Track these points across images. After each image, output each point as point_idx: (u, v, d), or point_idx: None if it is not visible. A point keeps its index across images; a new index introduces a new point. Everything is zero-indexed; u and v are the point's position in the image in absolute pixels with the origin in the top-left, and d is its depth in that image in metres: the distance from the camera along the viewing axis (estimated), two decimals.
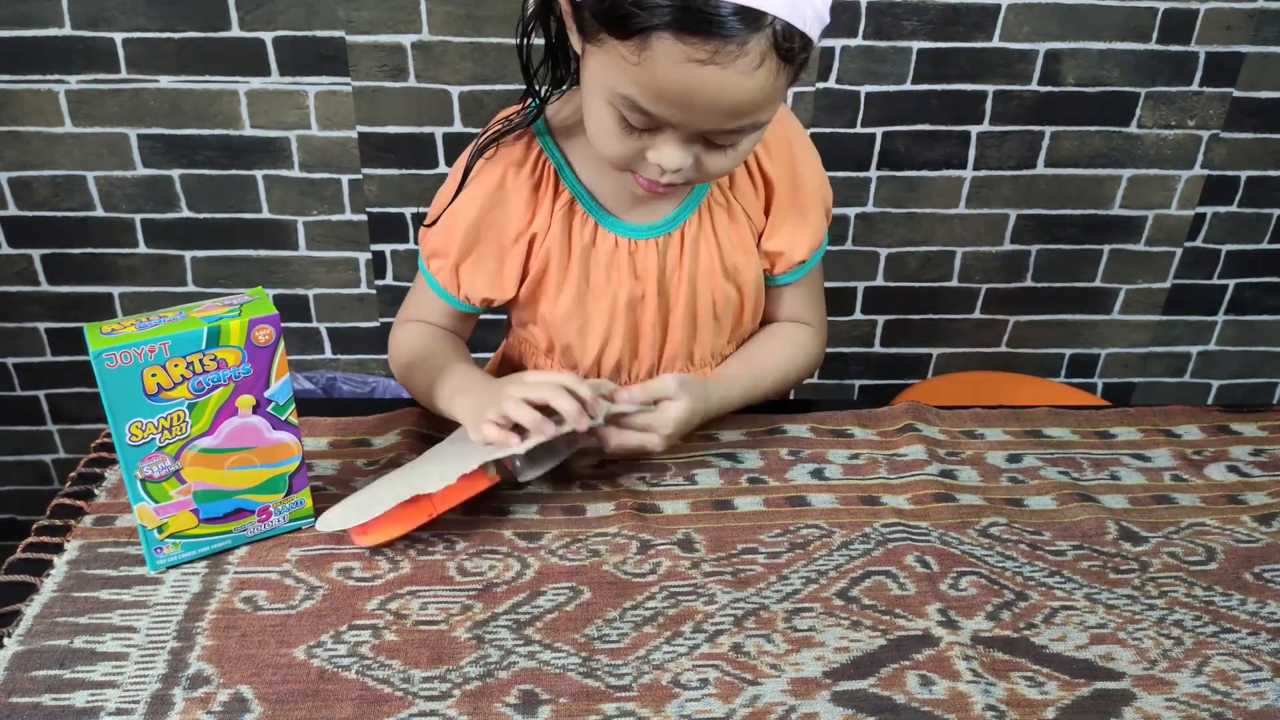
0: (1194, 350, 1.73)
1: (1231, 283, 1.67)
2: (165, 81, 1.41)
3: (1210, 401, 1.78)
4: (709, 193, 0.86)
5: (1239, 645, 0.68)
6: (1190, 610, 0.71)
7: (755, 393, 0.90)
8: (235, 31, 1.38)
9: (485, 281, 0.86)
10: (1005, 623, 0.69)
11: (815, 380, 1.72)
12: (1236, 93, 1.51)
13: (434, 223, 0.86)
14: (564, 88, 0.82)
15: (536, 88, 0.81)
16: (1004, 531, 0.78)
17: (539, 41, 0.78)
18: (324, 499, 0.78)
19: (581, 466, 0.83)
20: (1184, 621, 0.70)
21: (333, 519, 0.73)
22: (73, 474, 0.80)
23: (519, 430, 0.74)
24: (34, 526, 0.74)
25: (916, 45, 1.44)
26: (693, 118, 0.68)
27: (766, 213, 0.89)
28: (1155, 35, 1.45)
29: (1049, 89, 1.49)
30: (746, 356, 0.93)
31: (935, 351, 1.70)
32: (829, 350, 1.68)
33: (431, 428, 0.88)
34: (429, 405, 0.86)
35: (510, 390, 0.74)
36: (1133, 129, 1.53)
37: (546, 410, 0.73)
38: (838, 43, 1.44)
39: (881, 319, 1.66)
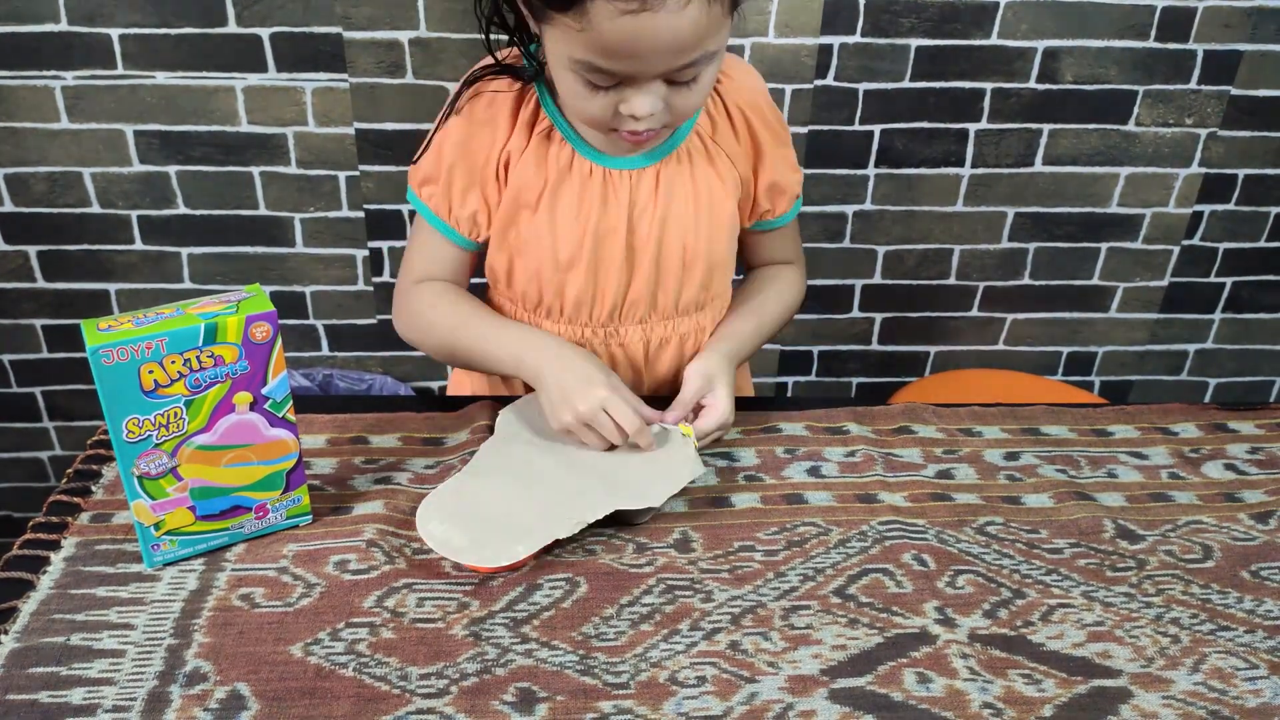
0: (1191, 348, 1.74)
1: (1229, 281, 1.67)
2: (162, 78, 1.40)
3: (1207, 399, 1.78)
4: (688, 136, 0.88)
5: (1236, 643, 0.68)
6: (1187, 608, 0.71)
7: (760, 339, 0.95)
8: (232, 28, 1.38)
9: (474, 204, 0.88)
10: (1002, 620, 0.69)
11: (812, 378, 1.72)
12: (1234, 91, 1.51)
13: (425, 149, 0.89)
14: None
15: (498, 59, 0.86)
16: (1001, 530, 0.78)
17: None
18: (321, 497, 0.78)
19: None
20: (1181, 619, 0.70)
21: (447, 536, 0.71)
22: (69, 471, 0.80)
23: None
24: (30, 524, 0.74)
25: (915, 43, 1.44)
26: (646, 65, 0.72)
27: (757, 162, 0.91)
28: (1153, 33, 1.45)
29: (1047, 87, 1.49)
30: (749, 309, 0.95)
31: (933, 349, 1.70)
32: (827, 348, 1.68)
33: (433, 430, 0.88)
34: (462, 363, 0.91)
35: (609, 398, 0.80)
36: (1130, 127, 1.53)
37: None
38: (836, 40, 1.44)
39: (879, 317, 1.66)
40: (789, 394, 1.73)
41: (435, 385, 1.69)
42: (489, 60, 0.87)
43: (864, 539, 0.76)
